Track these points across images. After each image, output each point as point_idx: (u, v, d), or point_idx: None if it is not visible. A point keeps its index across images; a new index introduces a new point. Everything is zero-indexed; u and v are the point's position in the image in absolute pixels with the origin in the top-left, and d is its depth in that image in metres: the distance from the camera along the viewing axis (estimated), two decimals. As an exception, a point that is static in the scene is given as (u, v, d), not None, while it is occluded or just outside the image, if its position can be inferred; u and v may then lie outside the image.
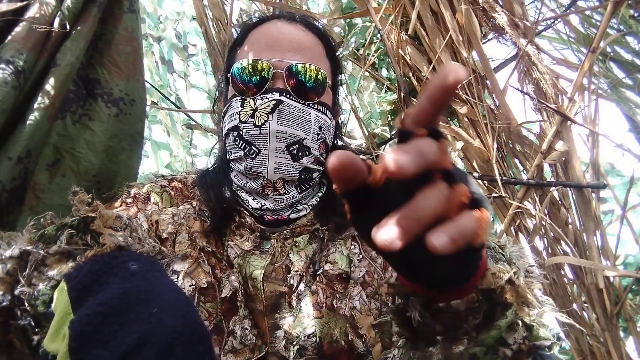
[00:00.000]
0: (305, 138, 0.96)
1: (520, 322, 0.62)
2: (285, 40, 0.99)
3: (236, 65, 0.99)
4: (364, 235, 0.49)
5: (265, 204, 0.98)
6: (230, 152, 1.00)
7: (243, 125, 0.96)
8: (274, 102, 0.94)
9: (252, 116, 0.95)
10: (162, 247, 0.93)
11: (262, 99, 0.95)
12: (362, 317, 0.93)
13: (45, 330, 0.57)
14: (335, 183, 0.47)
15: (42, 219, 0.69)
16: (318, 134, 0.99)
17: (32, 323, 0.63)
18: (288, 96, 0.95)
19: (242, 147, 0.96)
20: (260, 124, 0.94)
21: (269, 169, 0.95)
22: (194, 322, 0.56)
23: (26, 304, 0.62)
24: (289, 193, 0.98)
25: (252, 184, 0.97)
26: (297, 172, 0.97)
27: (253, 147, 0.95)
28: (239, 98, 0.98)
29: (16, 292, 0.62)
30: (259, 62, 0.96)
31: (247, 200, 0.99)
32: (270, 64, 0.96)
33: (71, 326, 0.53)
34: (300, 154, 0.96)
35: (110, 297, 0.54)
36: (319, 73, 0.98)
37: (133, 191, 1.01)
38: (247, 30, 1.07)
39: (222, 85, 1.12)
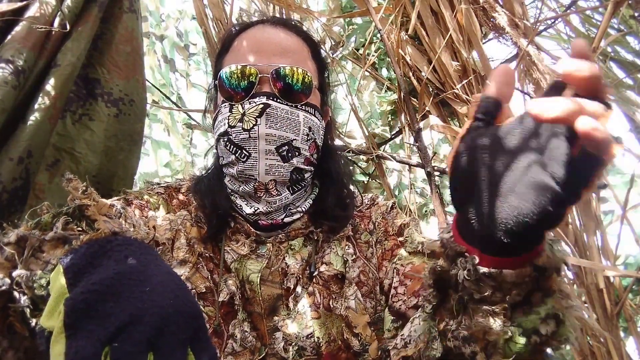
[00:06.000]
0: (295, 139, 0.97)
1: (554, 315, 0.62)
2: (269, 45, 1.01)
3: (223, 72, 1.00)
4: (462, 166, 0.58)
5: (258, 208, 0.98)
6: (222, 157, 1.01)
7: (232, 129, 0.97)
8: (262, 105, 0.95)
9: (241, 120, 0.96)
10: (157, 235, 0.95)
11: (249, 103, 0.96)
12: (357, 316, 0.95)
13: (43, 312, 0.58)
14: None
15: (38, 210, 0.70)
16: (307, 135, 1.00)
17: (31, 306, 0.64)
18: (275, 99, 0.96)
19: (232, 152, 0.97)
20: (249, 127, 0.95)
21: (260, 171, 0.96)
22: (186, 301, 0.58)
23: (24, 287, 0.63)
24: (281, 194, 0.98)
25: (245, 187, 0.98)
26: (288, 172, 0.97)
27: (243, 151, 0.96)
28: (227, 104, 0.99)
29: (14, 274, 0.64)
30: (246, 67, 0.97)
31: (240, 206, 1.00)
32: (256, 68, 0.97)
33: (66, 303, 0.54)
34: (290, 154, 0.97)
35: (105, 278, 0.55)
36: (305, 76, 0.99)
37: (131, 199, 1.02)
38: (232, 37, 1.08)
39: (212, 92, 1.12)
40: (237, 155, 0.96)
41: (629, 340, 2.07)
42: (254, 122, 0.95)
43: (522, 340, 0.61)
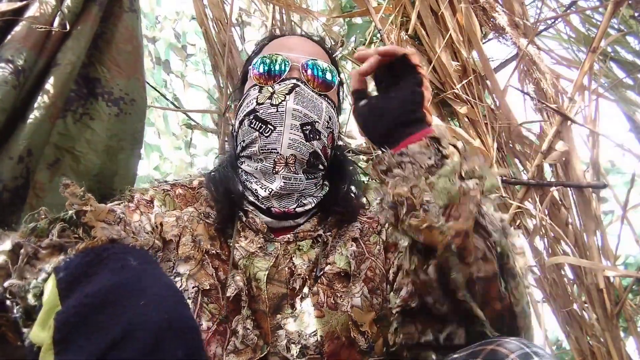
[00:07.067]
0: (317, 122, 1.03)
1: (471, 172, 0.80)
2: (298, 47, 1.11)
3: (256, 59, 1.08)
4: (361, 120, 0.95)
5: (272, 189, 1.00)
6: (244, 140, 1.04)
7: (260, 106, 1.03)
8: (292, 85, 1.02)
9: (270, 98, 1.02)
10: (157, 242, 0.95)
11: (279, 84, 1.03)
12: (363, 313, 0.95)
13: None
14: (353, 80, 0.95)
15: (35, 215, 0.69)
16: (328, 123, 1.06)
17: (24, 316, 0.63)
18: (304, 84, 1.04)
19: (257, 128, 1.02)
20: (277, 103, 1.01)
21: (283, 144, 1.00)
22: (182, 316, 0.56)
23: (17, 297, 0.62)
24: (297, 174, 1.02)
25: (264, 163, 1.01)
26: (307, 153, 1.02)
27: (269, 126, 1.01)
28: (257, 86, 1.06)
29: (6, 284, 0.63)
30: (278, 55, 1.06)
31: (256, 190, 1.01)
32: (287, 58, 1.06)
33: (57, 317, 0.53)
34: (312, 135, 1.02)
35: (98, 289, 0.54)
36: (330, 70, 1.09)
37: (136, 196, 1.02)
38: (263, 45, 1.17)
39: (236, 93, 1.21)
40: (261, 130, 1.01)
41: (629, 340, 2.06)
42: (283, 98, 1.01)
43: (442, 180, 0.77)
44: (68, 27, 1.17)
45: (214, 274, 0.95)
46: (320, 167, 1.07)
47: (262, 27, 2.48)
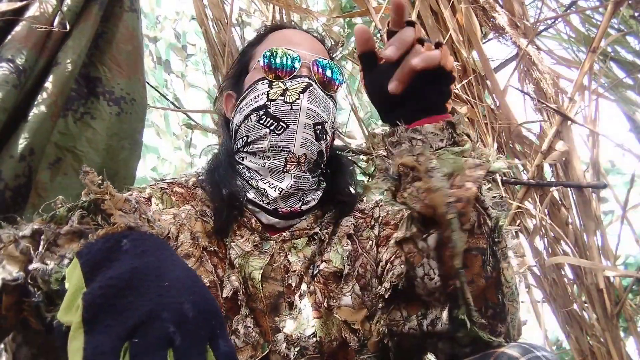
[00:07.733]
0: (326, 122, 1.03)
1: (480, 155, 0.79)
2: (305, 41, 1.11)
3: (266, 52, 1.06)
4: (371, 90, 0.84)
5: (282, 189, 1.00)
6: (248, 135, 1.04)
7: (272, 102, 1.01)
8: (305, 83, 1.02)
9: (283, 95, 1.01)
10: (173, 231, 0.97)
11: (291, 81, 1.03)
12: (354, 312, 0.95)
13: (58, 307, 0.57)
14: (358, 43, 0.80)
15: (52, 204, 0.70)
16: (333, 123, 1.07)
17: (46, 300, 0.64)
18: (315, 83, 1.03)
19: (267, 125, 1.01)
20: (291, 101, 1.00)
21: (296, 143, 1.00)
22: (204, 298, 0.58)
23: (40, 281, 0.63)
24: (306, 173, 1.02)
25: (274, 161, 1.00)
26: (316, 152, 1.02)
27: (281, 123, 1.00)
28: (266, 81, 1.04)
29: (30, 268, 0.63)
30: (289, 50, 1.05)
31: (264, 190, 1.01)
32: (298, 54, 1.05)
33: (84, 298, 0.54)
34: (321, 135, 1.02)
35: (122, 272, 0.55)
36: (338, 70, 1.09)
37: (134, 194, 1.01)
38: (265, 33, 1.17)
39: (229, 82, 1.18)
40: (272, 127, 1.00)
41: (629, 340, 2.07)
42: (297, 97, 1.00)
43: (449, 154, 0.77)
44: (68, 26, 1.17)
45: (213, 270, 0.95)
46: (322, 165, 1.08)
47: (262, 27, 2.48)
